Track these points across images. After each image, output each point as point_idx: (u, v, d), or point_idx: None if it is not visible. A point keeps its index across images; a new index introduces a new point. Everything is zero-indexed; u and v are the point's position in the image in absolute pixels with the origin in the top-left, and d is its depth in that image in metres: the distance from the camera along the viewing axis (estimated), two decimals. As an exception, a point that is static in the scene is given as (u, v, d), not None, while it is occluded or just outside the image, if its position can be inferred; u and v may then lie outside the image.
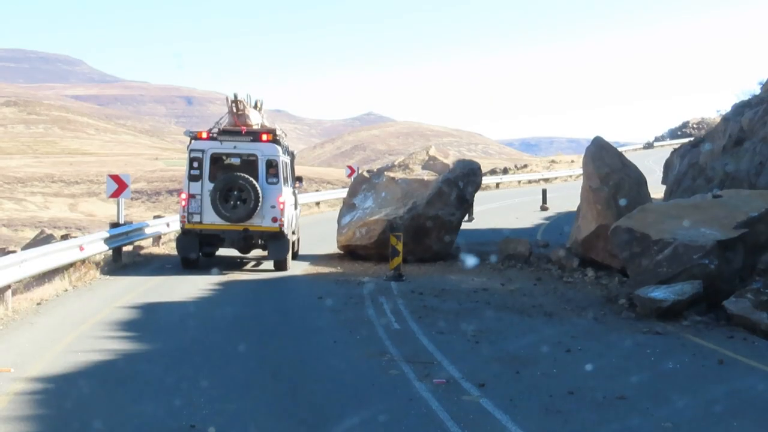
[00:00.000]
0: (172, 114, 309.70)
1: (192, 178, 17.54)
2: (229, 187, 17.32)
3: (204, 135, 17.77)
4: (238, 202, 17.37)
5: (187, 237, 17.63)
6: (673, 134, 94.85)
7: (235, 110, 18.31)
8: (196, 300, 14.21)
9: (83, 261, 16.60)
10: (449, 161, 20.88)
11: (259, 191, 17.30)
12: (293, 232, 19.13)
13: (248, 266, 18.68)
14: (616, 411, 7.95)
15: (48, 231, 32.13)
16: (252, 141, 17.67)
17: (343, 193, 32.22)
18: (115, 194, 19.15)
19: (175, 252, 19.51)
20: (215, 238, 17.73)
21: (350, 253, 20.03)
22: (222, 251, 19.28)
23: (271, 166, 17.62)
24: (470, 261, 19.41)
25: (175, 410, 7.68)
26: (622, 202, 17.46)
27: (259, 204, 17.34)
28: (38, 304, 13.53)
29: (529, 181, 54.45)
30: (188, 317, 12.54)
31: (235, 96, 18.41)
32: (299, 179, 20.19)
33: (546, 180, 55.28)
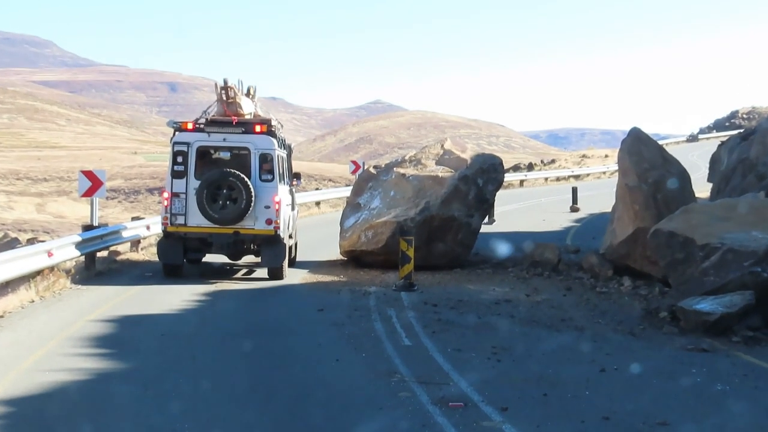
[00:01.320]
0: (154, 102, 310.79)
1: (175, 175, 17.56)
2: (218, 185, 17.35)
3: (189, 126, 17.81)
4: (228, 202, 17.40)
5: (169, 241, 17.66)
6: (720, 125, 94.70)
7: (224, 98, 18.34)
8: (180, 313, 14.24)
9: (52, 268, 16.59)
10: (467, 156, 20.93)
11: (252, 190, 17.31)
12: (290, 236, 19.15)
13: (239, 274, 18.72)
14: (657, 439, 7.94)
15: (12, 234, 32.22)
16: (244, 133, 17.72)
17: (347, 191, 32.18)
18: (89, 193, 19.17)
19: (155, 258, 19.47)
20: (202, 243, 17.76)
21: (355, 259, 20.09)
22: (209, 257, 19.28)
23: (266, 161, 17.66)
24: (491, 268, 19.50)
25: (155, 438, 7.65)
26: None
27: (252, 204, 17.35)
28: (0, 316, 13.54)
29: (558, 179, 54.37)
30: (170, 332, 12.57)
31: (225, 82, 18.46)
32: (297, 176, 20.22)
33: (576, 177, 55.29)
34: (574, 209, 33.91)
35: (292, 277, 18.27)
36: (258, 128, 17.77)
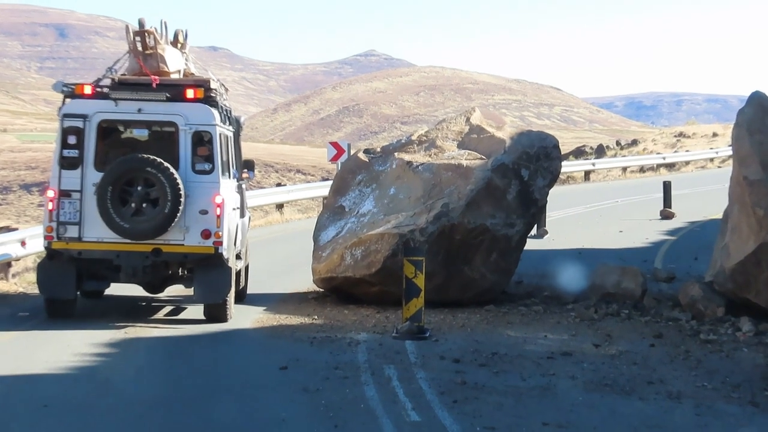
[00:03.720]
0: (33, 54, 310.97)
1: (66, 164, 17.58)
2: (129, 180, 17.39)
3: (87, 90, 17.84)
4: (144, 205, 17.43)
5: (56, 265, 17.64)
6: None
7: (140, 48, 18.36)
8: (70, 374, 14.13)
9: None
10: (505, 134, 20.89)
11: (180, 186, 17.29)
12: (238, 256, 19.19)
13: (160, 314, 18.75)
14: None
15: None
16: (169, 100, 17.77)
17: (324, 188, 32.42)
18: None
19: (35, 290, 19.43)
20: (105, 267, 17.80)
21: (335, 290, 20.16)
22: (116, 288, 19.10)
23: (202, 142, 17.72)
24: (541, 305, 19.46)
25: None
26: None
27: (180, 208, 17.35)
28: None
29: (642, 169, 54.28)
30: (56, 403, 12.45)
31: (141, 24, 18.50)
32: (249, 165, 20.31)
33: (670, 167, 55.24)
34: (666, 215, 33.91)
35: (241, 318, 18.23)
36: (190, 93, 17.75)
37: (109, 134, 17.95)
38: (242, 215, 19.76)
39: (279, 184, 52.56)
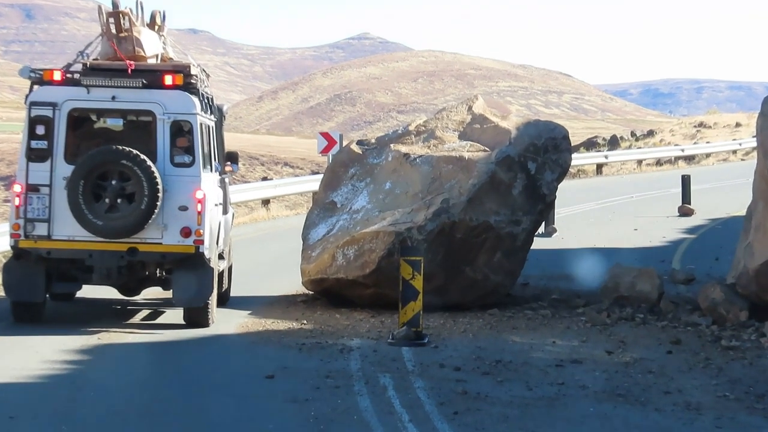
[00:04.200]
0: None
1: (34, 156, 17.64)
2: (103, 173, 17.37)
3: (57, 76, 17.82)
4: (119, 201, 17.43)
5: (23, 265, 17.65)
6: None
7: (114, 30, 18.31)
8: (40, 382, 14.14)
9: None
10: (510, 124, 20.93)
11: (158, 180, 17.28)
12: (221, 256, 19.21)
13: (137, 318, 18.76)
14: None
15: None
16: (145, 87, 17.75)
17: (314, 183, 32.22)
18: None
19: (0, 291, 19.49)
20: (76, 267, 17.80)
21: (326, 293, 20.22)
22: (89, 290, 19.12)
23: (181, 133, 17.73)
24: (549, 308, 19.52)
25: None
26: None
27: (158, 203, 17.33)
28: None
29: (658, 162, 54.22)
30: (24, 414, 12.43)
31: (115, 5, 18.47)
32: (232, 158, 20.27)
33: (689, 159, 55.22)
34: (685, 212, 34.01)
35: (225, 322, 18.26)
36: (169, 80, 17.73)
37: (80, 124, 17.92)
38: (225, 212, 19.77)
39: (265, 178, 52.68)
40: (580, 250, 25.79)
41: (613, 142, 62.90)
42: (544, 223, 26.07)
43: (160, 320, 18.57)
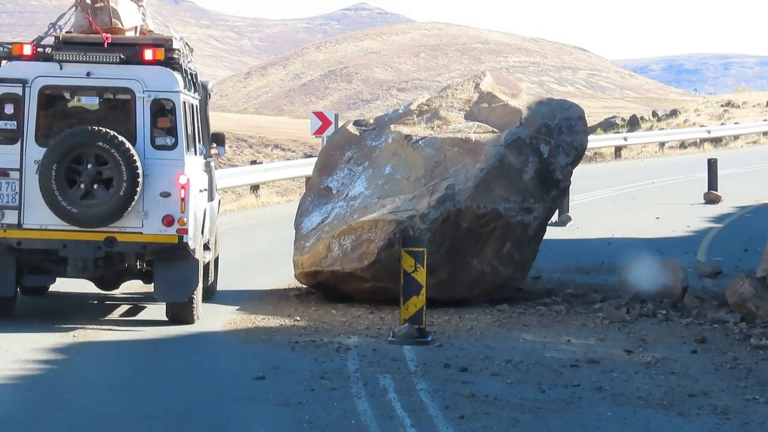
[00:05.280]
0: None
1: (2, 138, 17.68)
2: (78, 156, 17.35)
3: (27, 50, 17.75)
4: (95, 186, 17.42)
5: (-9, 256, 17.73)
6: None
7: (89, 0, 18.26)
8: (10, 384, 14.20)
9: None
10: (521, 103, 20.91)
11: (138, 164, 17.23)
12: (206, 246, 19.28)
13: (115, 314, 18.90)
14: None
15: None
16: (123, 62, 17.67)
17: (307, 167, 32.92)
18: None
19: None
20: (49, 259, 17.87)
21: (321, 287, 20.29)
22: (63, 283, 18.98)
23: (163, 113, 17.72)
24: (563, 304, 19.58)
25: None
26: None
27: (138, 189, 17.26)
28: None
29: (682, 144, 55.36)
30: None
31: (89, -27, 18.36)
32: (218, 140, 20.39)
33: (716, 142, 55.68)
34: (711, 199, 34.26)
35: (211, 319, 18.34)
36: (149, 54, 17.65)
37: (52, 102, 17.90)
38: (211, 198, 19.89)
39: (254, 162, 53.40)
40: (597, 241, 26.39)
41: (633, 123, 63.47)
42: (557, 211, 26.67)
43: (140, 316, 18.66)
